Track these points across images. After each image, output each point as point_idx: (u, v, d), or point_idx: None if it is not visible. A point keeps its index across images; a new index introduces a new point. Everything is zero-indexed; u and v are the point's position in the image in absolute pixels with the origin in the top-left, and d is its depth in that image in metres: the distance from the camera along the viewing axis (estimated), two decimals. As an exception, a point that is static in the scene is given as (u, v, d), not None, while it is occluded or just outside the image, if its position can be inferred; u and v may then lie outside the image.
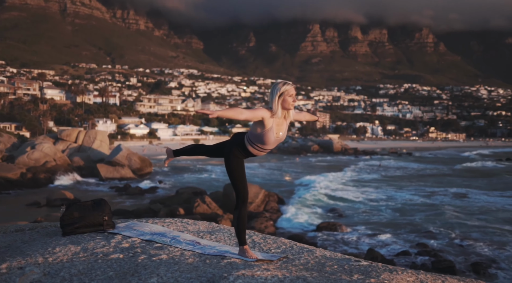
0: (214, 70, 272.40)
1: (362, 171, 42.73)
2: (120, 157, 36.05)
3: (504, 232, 17.10)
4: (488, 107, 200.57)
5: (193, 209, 19.68)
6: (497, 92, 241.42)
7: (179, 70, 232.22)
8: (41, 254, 2.76)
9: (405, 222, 18.84)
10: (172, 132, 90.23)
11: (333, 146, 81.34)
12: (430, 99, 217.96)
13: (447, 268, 13.04)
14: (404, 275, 2.52)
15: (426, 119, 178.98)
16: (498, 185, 31.83)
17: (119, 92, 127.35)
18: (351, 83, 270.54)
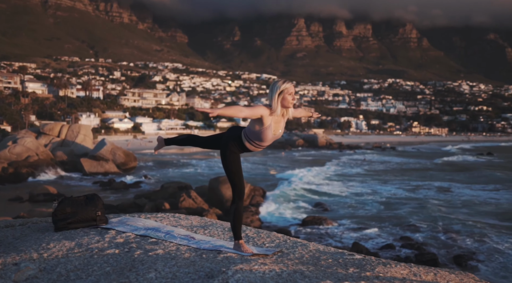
0: (199, 64, 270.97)
1: (347, 165, 43.05)
2: (104, 151, 35.71)
3: (484, 225, 17.41)
4: (470, 102, 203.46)
5: (178, 204, 19.61)
6: (478, 87, 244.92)
7: (164, 64, 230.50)
8: (35, 250, 2.74)
9: (390, 216, 19.06)
10: (157, 126, 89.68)
11: (318, 140, 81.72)
12: (413, 94, 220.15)
13: (430, 260, 13.22)
14: (397, 268, 2.56)
15: (410, 114, 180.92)
16: (480, 179, 32.36)
17: (103, 86, 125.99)
18: (335, 78, 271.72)
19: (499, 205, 21.53)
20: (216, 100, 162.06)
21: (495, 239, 15.28)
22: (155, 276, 2.33)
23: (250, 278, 2.22)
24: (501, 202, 22.57)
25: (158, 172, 35.77)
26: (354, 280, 2.17)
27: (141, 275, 2.33)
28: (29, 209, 19.32)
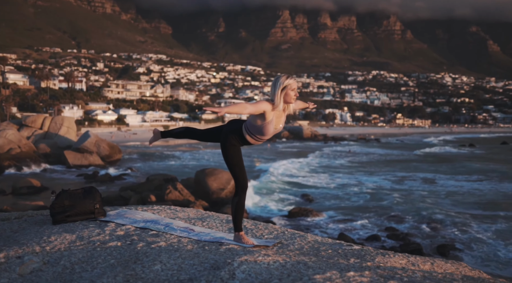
0: (183, 55, 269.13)
1: (332, 157, 43.33)
2: (88, 143, 35.34)
3: (467, 215, 17.70)
4: (452, 94, 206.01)
5: (164, 196, 19.54)
6: (461, 79, 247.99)
7: (148, 56, 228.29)
8: (37, 243, 2.72)
9: (375, 207, 19.26)
10: (141, 118, 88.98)
11: (303, 132, 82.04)
12: (397, 86, 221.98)
13: (415, 250, 13.39)
14: (396, 258, 2.60)
15: (394, 105, 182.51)
16: (463, 170, 32.85)
17: (86, 77, 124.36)
18: (320, 70, 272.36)
19: (482, 196, 21.90)
20: (200, 92, 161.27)
21: (477, 229, 15.57)
22: (161, 268, 2.33)
23: (255, 269, 2.24)
24: (484, 192, 22.97)
25: (143, 164, 35.56)
26: (357, 270, 2.20)
27: (147, 267, 2.34)
28: (12, 202, 19.06)
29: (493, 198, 21.31)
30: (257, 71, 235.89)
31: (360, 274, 2.06)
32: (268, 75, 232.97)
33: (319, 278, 2.00)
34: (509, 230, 15.30)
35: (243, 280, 2.12)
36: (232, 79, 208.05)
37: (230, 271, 2.21)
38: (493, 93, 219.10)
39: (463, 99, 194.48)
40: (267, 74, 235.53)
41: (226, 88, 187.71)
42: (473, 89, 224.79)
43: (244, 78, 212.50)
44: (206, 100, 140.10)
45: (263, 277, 2.15)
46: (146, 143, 59.38)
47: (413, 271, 2.05)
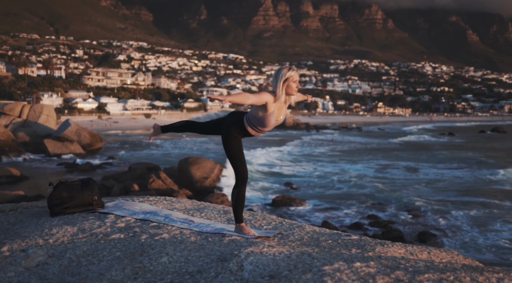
0: (165, 43, 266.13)
1: (315, 146, 43.56)
2: (69, 132, 34.79)
3: (447, 202, 18.02)
4: (432, 83, 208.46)
5: (147, 185, 19.39)
6: (440, 68, 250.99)
7: (128, 43, 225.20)
8: (39, 235, 2.70)
9: (358, 195, 19.45)
10: (122, 106, 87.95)
11: (286, 121, 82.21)
12: (378, 75, 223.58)
13: (397, 238, 13.57)
14: (395, 248, 2.65)
15: (375, 94, 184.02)
16: (443, 158, 33.37)
17: (65, 64, 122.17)
18: (302, 58, 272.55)
19: (462, 184, 22.31)
20: (182, 80, 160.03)
21: (456, 216, 15.86)
22: (168, 260, 2.34)
23: (262, 260, 2.26)
24: (463, 180, 23.40)
25: (124, 153, 35.22)
26: (362, 260, 2.24)
27: (154, 260, 2.34)
28: (-9, 192, 18.68)
29: (472, 185, 21.72)
30: (239, 59, 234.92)
31: (366, 264, 2.09)
32: (250, 63, 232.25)
33: (328, 269, 2.03)
34: (485, 217, 15.64)
35: (251, 272, 2.14)
36: (214, 67, 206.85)
37: (238, 263, 2.22)
38: (472, 82, 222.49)
39: (442, 88, 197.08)
40: (249, 62, 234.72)
41: (208, 76, 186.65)
42: (452, 78, 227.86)
43: (226, 66, 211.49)
44: (188, 88, 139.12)
45: (271, 268, 2.17)
46: (128, 132, 58.83)
47: (415, 261, 2.08)
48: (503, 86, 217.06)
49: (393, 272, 1.97)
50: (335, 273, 1.95)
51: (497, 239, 13.23)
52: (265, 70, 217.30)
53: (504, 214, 15.91)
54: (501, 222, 14.84)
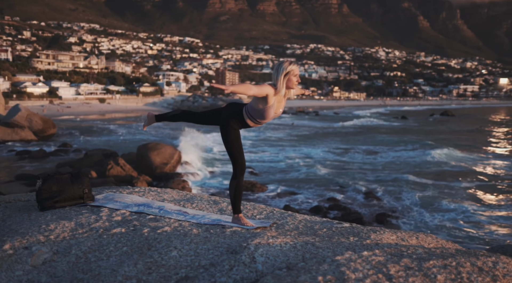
0: (118, 25, 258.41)
1: (273, 130, 43.82)
2: (19, 118, 33.31)
3: (401, 184, 18.59)
4: (385, 68, 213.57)
5: (106, 172, 18.92)
6: (393, 53, 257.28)
7: (79, 25, 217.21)
8: (38, 232, 2.65)
9: (318, 179, 19.75)
10: (75, 91, 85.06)
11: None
12: (334, 59, 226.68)
13: (356, 220, 13.92)
14: (387, 235, 2.73)
15: (331, 79, 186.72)
16: (397, 141, 34.37)
17: (11, 46, 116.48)
18: (259, 42, 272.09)
19: (415, 165, 23.09)
20: (137, 63, 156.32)
21: (408, 196, 16.40)
22: (178, 254, 2.34)
23: (271, 252, 2.30)
24: (417, 162, 24.22)
25: (79, 139, 34.18)
26: (367, 249, 2.32)
27: (164, 254, 2.34)
28: None
29: (425, 167, 22.53)
30: (196, 43, 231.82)
31: (372, 253, 2.16)
32: (207, 47, 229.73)
33: (340, 259, 2.07)
34: (434, 197, 16.27)
35: (264, 263, 2.18)
36: (170, 50, 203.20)
37: (250, 255, 2.25)
38: (423, 67, 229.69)
39: (395, 73, 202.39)
40: (205, 46, 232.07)
41: (164, 60, 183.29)
42: (404, 63, 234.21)
43: (182, 50, 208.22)
44: (143, 72, 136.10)
45: (281, 259, 2.22)
46: (81, 117, 57.07)
47: (414, 248, 2.15)
48: (452, 71, 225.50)
49: (400, 260, 2.03)
50: (349, 263, 2.00)
51: (444, 219, 13.83)
52: (222, 54, 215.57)
53: (452, 194, 16.63)
54: (448, 202, 15.50)
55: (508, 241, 11.72)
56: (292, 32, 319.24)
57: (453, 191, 17.14)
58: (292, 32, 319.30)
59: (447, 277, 1.84)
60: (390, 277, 1.79)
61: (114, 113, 69.23)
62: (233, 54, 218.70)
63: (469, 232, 12.45)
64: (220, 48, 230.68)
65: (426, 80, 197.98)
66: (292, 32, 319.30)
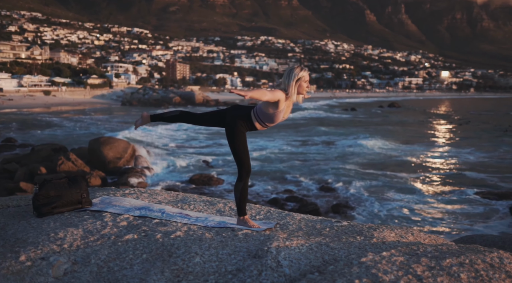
0: (62, 14, 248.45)
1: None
2: (-43, 111, 31.41)
3: (352, 174, 19.07)
4: (335, 60, 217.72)
5: (56, 167, 18.19)
6: (342, 46, 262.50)
7: (19, 13, 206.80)
8: (49, 240, 2.56)
9: (274, 171, 19.91)
10: (17, 82, 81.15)
11: (195, 97, 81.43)
12: (284, 51, 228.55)
13: (313, 211, 14.16)
14: (387, 232, 2.80)
15: (281, 71, 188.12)
16: (350, 132, 35.21)
17: None
18: (209, 34, 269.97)
19: (365, 156, 23.75)
20: (84, 54, 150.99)
21: (359, 187, 16.85)
22: (202, 260, 2.33)
23: (292, 254, 2.31)
24: (369, 153, 24.90)
25: (24, 133, 32.68)
26: (381, 249, 2.38)
27: (187, 260, 2.33)
28: None
29: (374, 158, 23.22)
30: (145, 34, 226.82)
31: (390, 253, 2.22)
32: (156, 38, 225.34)
33: (366, 260, 2.11)
34: (384, 186, 16.82)
35: (290, 267, 2.19)
36: (118, 41, 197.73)
37: (274, 259, 2.26)
38: (370, 60, 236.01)
39: (344, 65, 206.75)
40: (155, 37, 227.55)
41: (112, 51, 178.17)
42: (353, 56, 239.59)
43: (131, 41, 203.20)
44: (90, 63, 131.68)
45: (304, 262, 2.24)
46: (24, 110, 54.58)
47: (423, 246, 2.20)
48: (397, 64, 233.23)
49: (419, 259, 2.10)
50: (376, 264, 2.05)
51: (393, 207, 14.34)
52: (172, 45, 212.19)
53: (399, 184, 17.26)
54: (395, 191, 16.09)
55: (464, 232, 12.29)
56: (243, 24, 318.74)
57: (400, 181, 17.79)
58: (242, 24, 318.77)
59: (469, 276, 1.91)
60: (420, 278, 1.87)
61: (61, 106, 66.76)
62: (184, 45, 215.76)
63: (416, 221, 12.98)
64: (170, 39, 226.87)
65: (373, 73, 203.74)
66: (242, 24, 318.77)
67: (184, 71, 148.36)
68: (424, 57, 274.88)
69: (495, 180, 17.92)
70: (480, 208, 14.33)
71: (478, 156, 24.10)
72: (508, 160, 22.86)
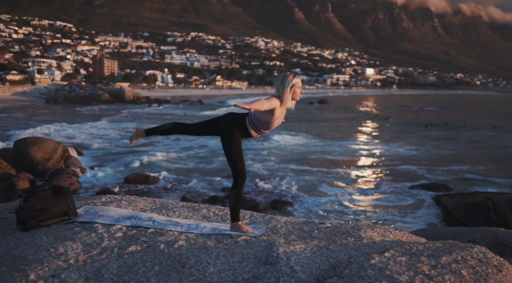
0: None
1: (165, 121, 42.86)
2: None
3: (287, 170, 19.42)
4: (265, 57, 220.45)
5: (-22, 171, 16.90)
6: (272, 43, 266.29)
7: None
8: (50, 256, 2.47)
9: (212, 169, 19.83)
10: None
11: (125, 94, 79.07)
12: (215, 48, 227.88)
13: (253, 208, 14.29)
14: (370, 232, 2.92)
15: (213, 67, 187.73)
16: (283, 128, 35.77)
17: None
18: (138, 29, 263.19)
19: (299, 153, 24.30)
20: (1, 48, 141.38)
21: (294, 182, 17.23)
22: (216, 269, 2.34)
23: (300, 259, 2.36)
24: (299, 149, 25.48)
25: None
26: (381, 249, 2.47)
27: (202, 270, 2.33)
28: None
29: (307, 154, 23.81)
30: (68, 28, 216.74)
31: (391, 254, 2.32)
32: (81, 32, 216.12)
33: (375, 262, 2.19)
34: (317, 182, 17.32)
35: (303, 272, 2.23)
36: (39, 35, 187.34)
37: (287, 265, 2.30)
38: (300, 57, 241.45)
39: (275, 62, 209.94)
40: (80, 31, 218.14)
41: (32, 46, 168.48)
42: (283, 53, 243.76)
43: (54, 35, 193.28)
44: (9, 58, 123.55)
45: (314, 266, 2.29)
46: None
47: (415, 245, 2.27)
48: (325, 62, 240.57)
49: (419, 259, 2.20)
50: (386, 266, 2.13)
51: (326, 202, 14.82)
52: (98, 40, 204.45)
53: (332, 179, 17.85)
54: (327, 186, 16.63)
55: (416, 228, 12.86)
56: (172, 20, 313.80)
57: (332, 176, 18.40)
58: (172, 20, 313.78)
59: (469, 272, 2.06)
60: (430, 277, 2.00)
61: (-25, 105, 62.14)
62: (111, 40, 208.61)
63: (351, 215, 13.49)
64: (96, 34, 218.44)
65: (303, 70, 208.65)
66: (172, 20, 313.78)
67: (112, 67, 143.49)
68: (350, 55, 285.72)
69: (423, 172, 19.02)
70: (409, 200, 15.15)
71: (406, 149, 25.50)
72: (435, 153, 24.37)
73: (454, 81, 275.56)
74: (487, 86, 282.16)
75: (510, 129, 37.87)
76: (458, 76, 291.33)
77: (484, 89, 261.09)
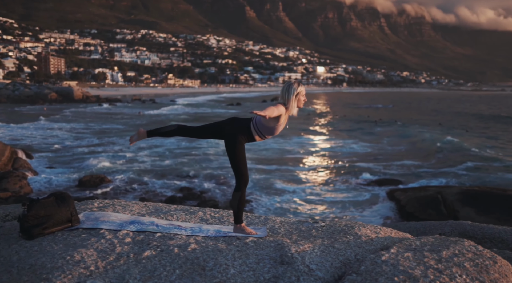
0: None
1: (121, 119, 41.85)
2: None
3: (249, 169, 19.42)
4: (217, 55, 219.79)
5: None
6: (224, 42, 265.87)
7: None
8: (70, 264, 2.46)
9: (168, 169, 19.58)
10: None
11: (74, 93, 76.55)
12: (166, 46, 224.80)
13: (213, 206, 14.25)
14: (363, 229, 3.05)
15: (164, 66, 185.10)
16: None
17: None
18: (85, 26, 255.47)
19: (254, 151, 24.35)
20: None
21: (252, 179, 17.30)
22: (236, 271, 2.38)
23: (314, 258, 2.43)
24: (256, 147, 25.53)
25: None
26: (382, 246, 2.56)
27: (223, 273, 2.37)
28: None
29: (261, 152, 23.94)
30: (10, 24, 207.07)
31: (396, 250, 2.42)
32: (24, 28, 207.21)
33: (386, 259, 2.27)
34: (273, 179, 17.51)
35: (320, 270, 2.30)
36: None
37: (303, 264, 2.37)
38: (252, 55, 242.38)
39: (227, 60, 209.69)
40: (22, 27, 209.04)
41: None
42: (235, 51, 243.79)
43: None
44: None
45: (328, 264, 2.37)
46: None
47: (411, 241, 2.31)
48: (277, 60, 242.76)
49: (422, 253, 2.30)
50: (397, 261, 2.22)
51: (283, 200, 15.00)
52: (43, 37, 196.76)
53: (288, 177, 18.08)
54: (284, 184, 16.84)
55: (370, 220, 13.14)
56: (121, 17, 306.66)
57: (289, 173, 18.65)
58: (121, 17, 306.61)
59: (470, 265, 2.16)
60: (439, 270, 2.10)
61: None
62: (56, 37, 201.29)
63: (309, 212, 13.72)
64: (41, 30, 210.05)
65: (255, 68, 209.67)
66: (121, 17, 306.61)
67: (58, 65, 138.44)
68: (302, 53, 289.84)
69: (379, 168, 19.60)
70: (366, 195, 15.58)
71: (361, 146, 26.19)
72: (387, 149, 25.17)
73: (400, 79, 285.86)
74: (431, 84, 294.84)
75: (453, 126, 39.86)
76: (404, 74, 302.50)
77: (429, 86, 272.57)
